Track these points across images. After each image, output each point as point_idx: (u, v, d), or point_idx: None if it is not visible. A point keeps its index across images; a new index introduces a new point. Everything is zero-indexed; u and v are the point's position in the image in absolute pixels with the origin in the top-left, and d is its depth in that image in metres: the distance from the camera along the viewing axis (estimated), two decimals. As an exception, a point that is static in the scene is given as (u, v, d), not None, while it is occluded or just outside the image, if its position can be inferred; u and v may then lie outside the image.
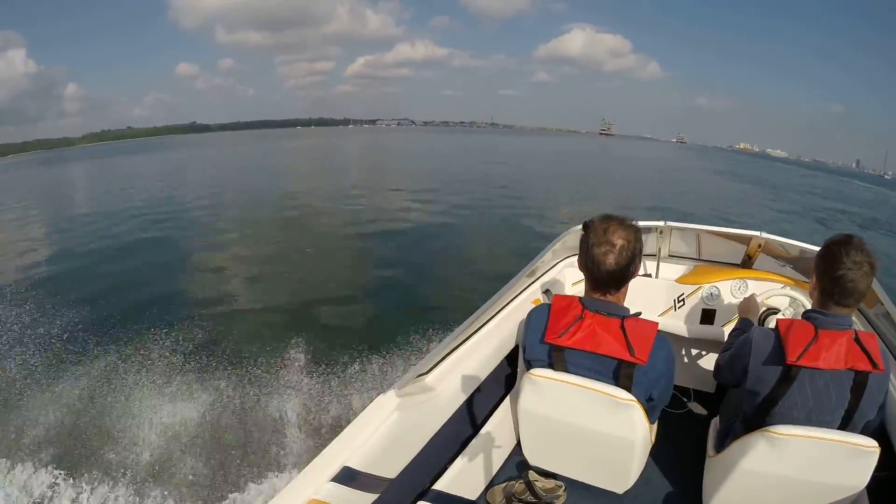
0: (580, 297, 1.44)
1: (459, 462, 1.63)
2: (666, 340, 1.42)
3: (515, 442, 1.84)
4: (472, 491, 1.69)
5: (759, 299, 2.03)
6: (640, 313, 1.42)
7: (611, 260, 1.31)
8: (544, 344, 1.43)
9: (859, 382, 1.29)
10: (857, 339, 1.30)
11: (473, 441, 1.71)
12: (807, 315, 1.40)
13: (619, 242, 1.31)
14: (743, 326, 1.88)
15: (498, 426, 1.78)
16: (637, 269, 1.37)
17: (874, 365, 1.27)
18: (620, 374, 1.37)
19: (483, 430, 1.74)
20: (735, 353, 1.52)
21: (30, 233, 13.55)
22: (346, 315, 5.96)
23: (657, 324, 1.38)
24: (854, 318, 1.90)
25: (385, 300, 6.50)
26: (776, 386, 1.36)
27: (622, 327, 1.35)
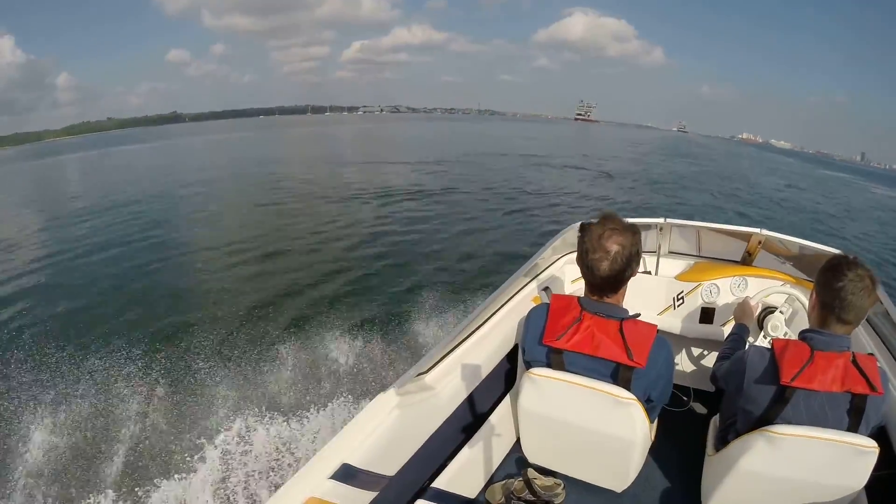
0: (579, 298, 1.44)
1: (459, 460, 1.63)
2: (665, 342, 1.42)
3: (515, 439, 1.85)
4: (472, 489, 1.70)
5: (757, 298, 2.02)
6: (639, 314, 1.41)
7: (605, 266, 1.31)
8: (543, 346, 1.43)
9: (857, 406, 1.27)
10: (854, 362, 1.27)
11: (473, 439, 1.71)
12: (803, 335, 1.38)
13: (613, 248, 1.30)
14: (739, 332, 1.89)
15: (497, 424, 1.79)
16: (635, 271, 1.37)
17: (872, 388, 1.25)
18: (619, 377, 1.37)
19: (482, 428, 1.74)
20: (730, 369, 1.52)
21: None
22: (343, 313, 5.92)
23: (656, 326, 1.38)
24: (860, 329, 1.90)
25: (382, 299, 6.45)
26: (770, 406, 1.34)
27: (621, 330, 1.35)
